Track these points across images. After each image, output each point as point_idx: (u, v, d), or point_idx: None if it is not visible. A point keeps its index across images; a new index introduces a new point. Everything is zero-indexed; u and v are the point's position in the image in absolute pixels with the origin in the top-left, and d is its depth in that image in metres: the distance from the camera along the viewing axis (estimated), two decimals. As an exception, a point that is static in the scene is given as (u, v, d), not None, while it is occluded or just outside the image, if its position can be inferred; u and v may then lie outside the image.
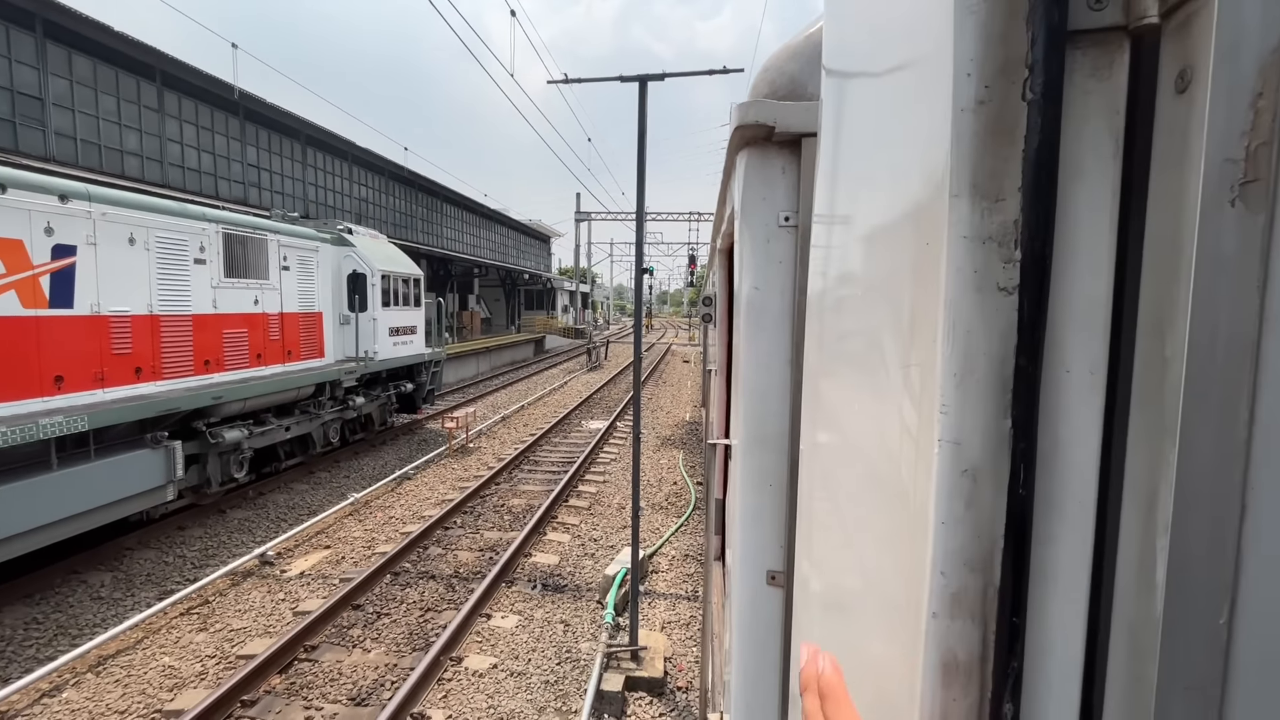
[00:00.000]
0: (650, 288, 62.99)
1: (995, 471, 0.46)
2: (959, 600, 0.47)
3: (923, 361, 0.51)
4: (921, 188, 0.53)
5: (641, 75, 4.81)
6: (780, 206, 1.63)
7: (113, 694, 4.60)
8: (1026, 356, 0.45)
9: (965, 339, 0.47)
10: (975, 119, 0.45)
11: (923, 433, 0.51)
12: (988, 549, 0.47)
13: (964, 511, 0.47)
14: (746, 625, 1.70)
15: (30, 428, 5.49)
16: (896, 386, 0.59)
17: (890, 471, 0.59)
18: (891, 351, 0.61)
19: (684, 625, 5.76)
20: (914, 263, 0.54)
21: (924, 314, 0.52)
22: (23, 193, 5.76)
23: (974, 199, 0.46)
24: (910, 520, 0.52)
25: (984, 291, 0.46)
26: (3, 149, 11.34)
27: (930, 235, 0.50)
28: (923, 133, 0.52)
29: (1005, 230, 0.46)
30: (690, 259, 34.89)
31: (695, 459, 11.72)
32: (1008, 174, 0.45)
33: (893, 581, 0.57)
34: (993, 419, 0.46)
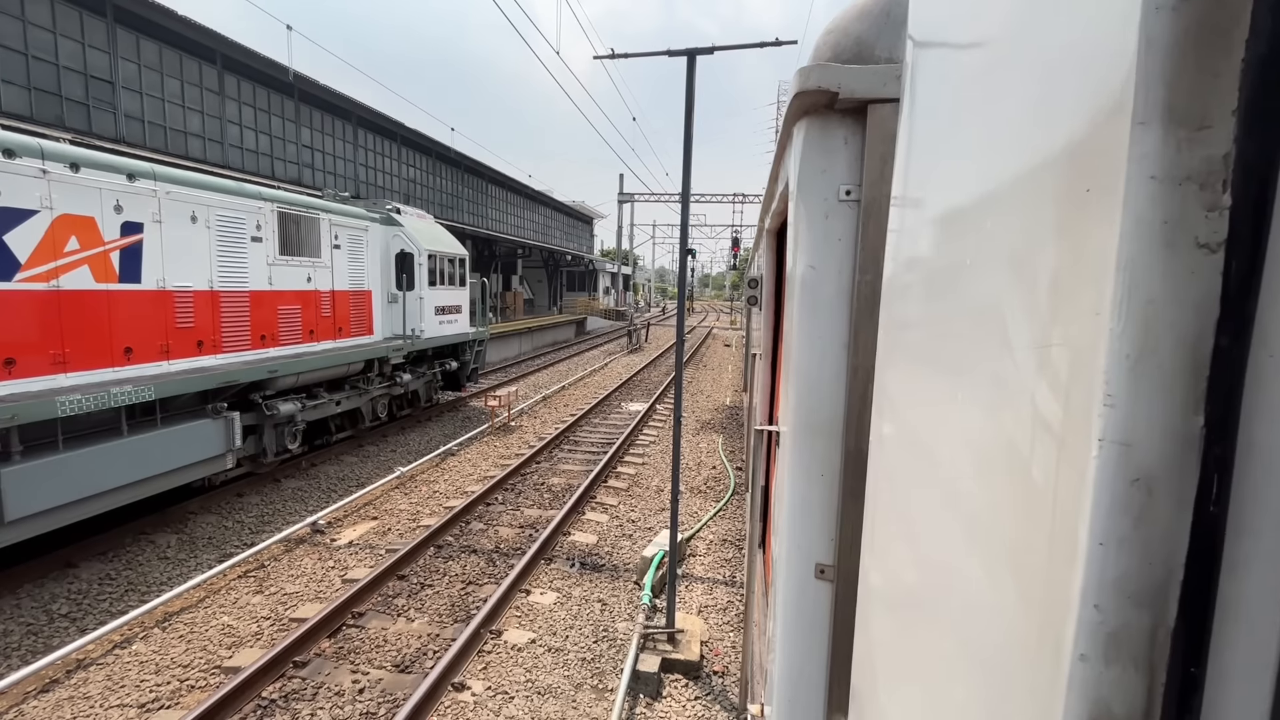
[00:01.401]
0: (692, 270, 62.40)
1: (1178, 482, 0.37)
2: (1118, 642, 0.38)
3: (1073, 339, 0.41)
4: (1081, 118, 0.42)
5: (690, 49, 4.67)
6: (841, 180, 1.52)
7: (177, 649, 4.87)
8: (1231, 335, 0.36)
9: (1144, 310, 0.37)
10: (1176, 19, 0.35)
11: (1072, 430, 0.41)
12: (1161, 579, 0.37)
13: (1131, 531, 0.37)
14: (792, 618, 1.64)
15: (103, 396, 5.80)
16: (1026, 371, 0.49)
17: (1015, 475, 0.49)
18: (1019, 329, 0.51)
19: (721, 610, 5.74)
20: (1062, 216, 0.44)
21: (1076, 280, 0.42)
22: (94, 172, 6.03)
23: (1168, 127, 0.36)
24: (1048, 537, 0.43)
25: (1176, 248, 0.36)
26: (78, 130, 11.93)
27: (1094, 178, 0.40)
28: (1087, 45, 0.42)
29: (1211, 168, 0.35)
30: (733, 241, 34.36)
31: (735, 444, 11.61)
32: (1218, 93, 0.35)
33: (1016, 608, 0.48)
34: (1179, 415, 0.37)
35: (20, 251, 5.41)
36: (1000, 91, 0.59)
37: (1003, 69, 0.58)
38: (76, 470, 5.66)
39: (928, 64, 0.90)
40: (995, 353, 0.55)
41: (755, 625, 2.94)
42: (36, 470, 5.34)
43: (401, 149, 23.94)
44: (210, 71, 15.50)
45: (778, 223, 3.37)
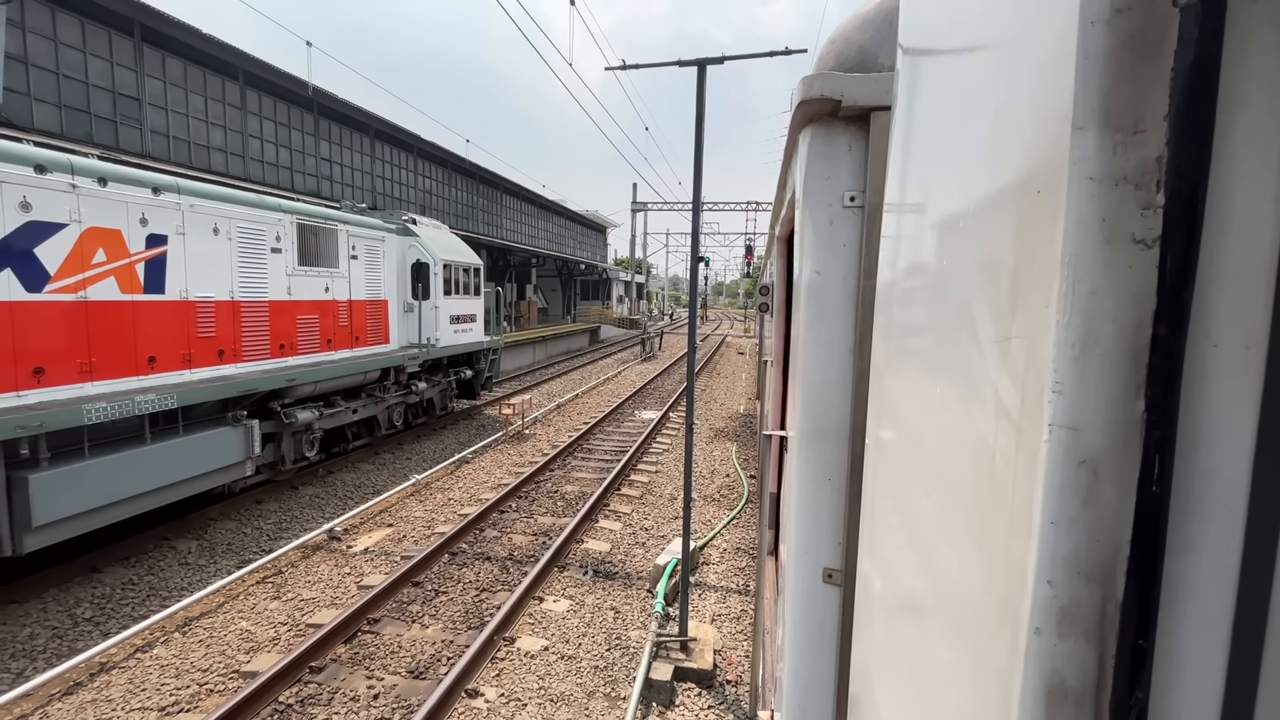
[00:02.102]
0: (705, 279, 62.53)
1: (1122, 464, 0.39)
2: (1070, 615, 0.40)
3: (1028, 332, 0.44)
4: (1032, 124, 0.45)
5: (701, 59, 4.71)
6: (845, 186, 1.54)
7: (196, 653, 4.94)
8: (1168, 325, 0.38)
9: (1088, 302, 0.39)
10: (1109, 32, 0.37)
11: (1027, 416, 0.43)
12: (1109, 556, 0.39)
13: (1080, 510, 0.39)
14: (800, 623, 1.64)
15: (128, 404, 5.94)
16: (992, 364, 0.51)
17: (981, 463, 0.52)
18: (986, 324, 0.53)
19: (734, 619, 5.70)
20: (1019, 217, 0.46)
21: (1031, 276, 0.44)
22: (121, 186, 6.21)
23: (1104, 131, 0.38)
24: (1008, 519, 0.45)
25: (1114, 244, 0.38)
26: (106, 146, 12.26)
27: (1043, 180, 0.42)
28: (1036, 56, 0.44)
29: (1145, 169, 0.38)
30: (747, 249, 34.37)
31: (749, 451, 11.56)
32: (1150, 100, 0.37)
33: (982, 588, 0.50)
34: (1121, 400, 0.39)
35: (50, 264, 5.57)
36: (969, 100, 0.61)
37: (971, 79, 0.61)
38: (101, 477, 5.79)
39: (912, 73, 0.92)
40: (969, 350, 0.57)
41: (766, 632, 2.93)
42: (63, 476, 5.46)
43: (418, 160, 24.29)
44: (233, 87, 15.87)
45: (787, 230, 3.38)
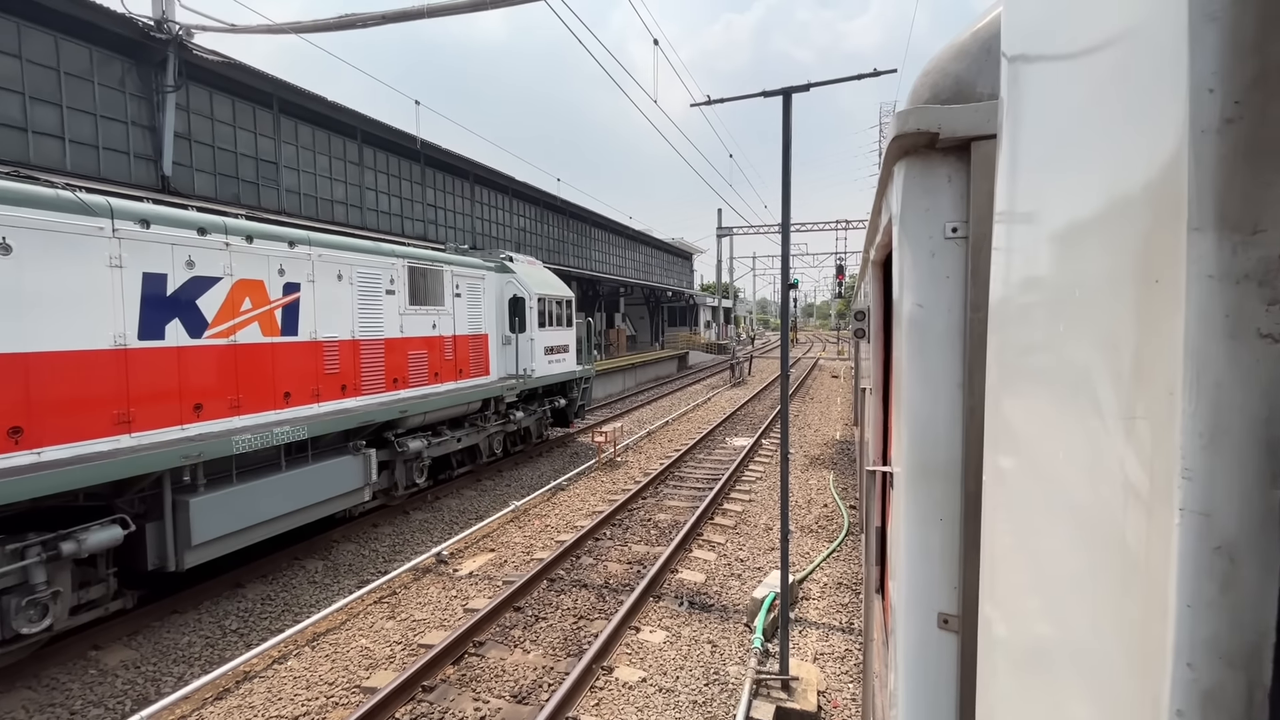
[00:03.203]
0: (795, 300, 61.21)
1: (1262, 550, 0.38)
2: (1214, 700, 0.38)
3: (1154, 415, 0.43)
4: (1144, 215, 0.45)
5: (786, 88, 4.72)
6: (946, 217, 1.50)
7: (324, 667, 5.35)
8: None
9: (1214, 393, 0.39)
10: (1221, 141, 0.38)
11: (1158, 498, 0.42)
12: (1253, 642, 0.38)
13: (1218, 595, 0.38)
14: (915, 671, 1.56)
15: (268, 435, 6.62)
16: (1116, 439, 0.50)
17: (1110, 531, 0.51)
18: (1108, 398, 0.52)
19: (838, 659, 5.44)
20: (1138, 301, 0.46)
21: (1153, 359, 0.43)
22: (264, 242, 7.03)
23: (1221, 232, 0.38)
24: (1143, 594, 0.44)
25: (1239, 339, 0.38)
26: (250, 206, 13.93)
27: (1160, 271, 0.42)
28: (1145, 150, 0.45)
29: (1268, 267, 0.37)
30: (838, 269, 33.39)
31: (847, 480, 11.09)
32: (1268, 201, 0.37)
33: (1119, 658, 0.49)
34: (1255, 488, 0.38)
35: (208, 312, 6.37)
36: (1069, 161, 0.60)
37: (1073, 140, 0.60)
38: (246, 501, 6.46)
39: (1020, 106, 0.91)
40: (1091, 421, 0.56)
41: (875, 676, 2.78)
42: (216, 501, 6.16)
43: (512, 200, 25.69)
44: (352, 146, 17.60)
45: (883, 254, 3.29)
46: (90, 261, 5.38)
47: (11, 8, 10.31)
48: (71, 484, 4.98)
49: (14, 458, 4.82)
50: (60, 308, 5.14)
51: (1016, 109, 0.90)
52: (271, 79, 14.59)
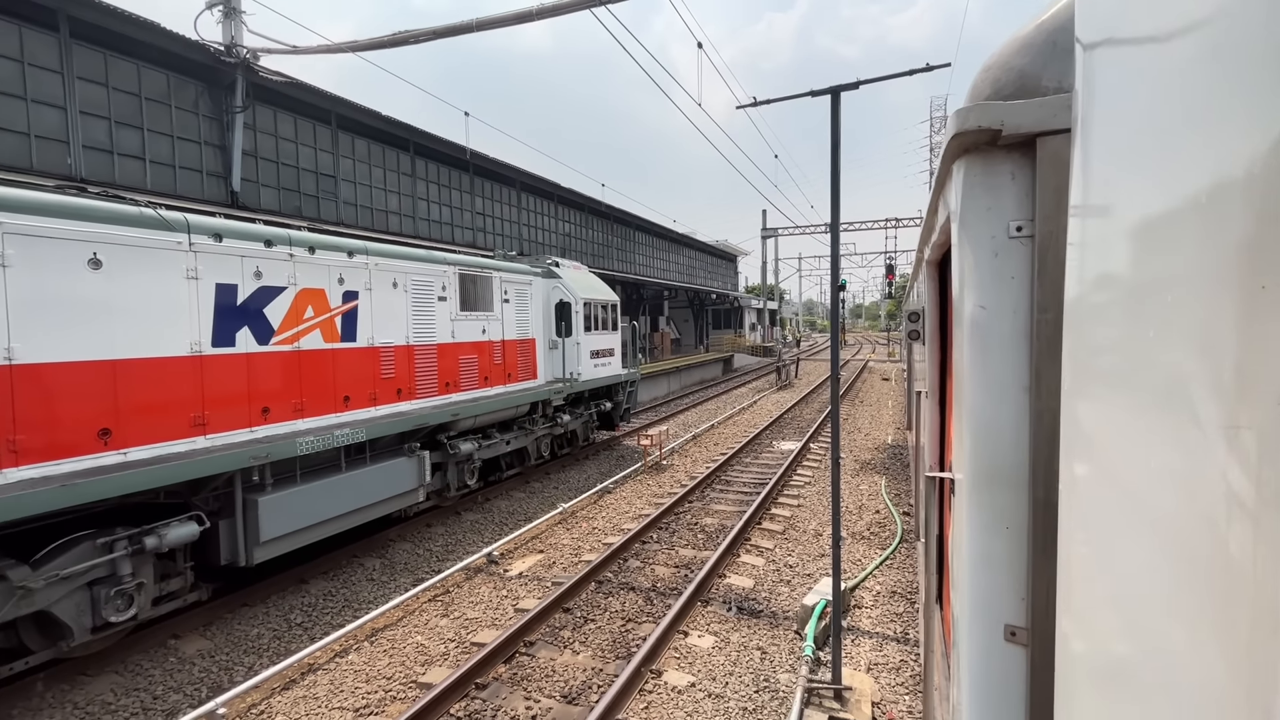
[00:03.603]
0: (843, 301, 59.86)
1: None
2: None
3: (1261, 426, 0.41)
4: (1246, 213, 0.42)
5: (834, 87, 4.65)
6: (1010, 216, 1.46)
7: (382, 662, 5.53)
8: None
9: None
10: None
11: (1267, 515, 0.40)
12: None
13: None
14: (980, 686, 1.51)
15: (329, 437, 6.91)
16: (1216, 448, 0.47)
17: (1209, 544, 0.48)
18: (1205, 406, 0.49)
19: (893, 669, 5.29)
20: (1240, 305, 0.44)
21: (1259, 370, 0.41)
22: (325, 252, 7.34)
23: None
24: (1249, 610, 0.42)
25: None
26: (310, 218, 14.58)
27: (1269, 276, 0.40)
28: (1245, 142, 0.42)
29: None
30: (887, 269, 32.54)
31: (900, 485, 10.77)
32: None
33: (1219, 677, 0.46)
34: None
35: (274, 320, 6.70)
36: (1172, 146, 0.57)
37: (1170, 129, 0.57)
38: (309, 500, 6.75)
39: (1098, 97, 0.87)
40: (1187, 428, 0.53)
41: (936, 689, 2.69)
42: (283, 500, 6.46)
43: (558, 207, 26.06)
44: (405, 158, 18.21)
45: (939, 254, 3.20)
46: (169, 274, 5.74)
47: (99, 39, 11.12)
48: (155, 482, 5.31)
49: (104, 457, 5.18)
50: (143, 317, 5.50)
51: (1094, 100, 0.87)
52: (330, 96, 15.25)
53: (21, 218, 4.77)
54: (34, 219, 4.84)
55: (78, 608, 5.05)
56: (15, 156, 10.14)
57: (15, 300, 4.69)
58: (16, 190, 4.94)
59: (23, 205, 4.82)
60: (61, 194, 5.28)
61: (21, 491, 4.54)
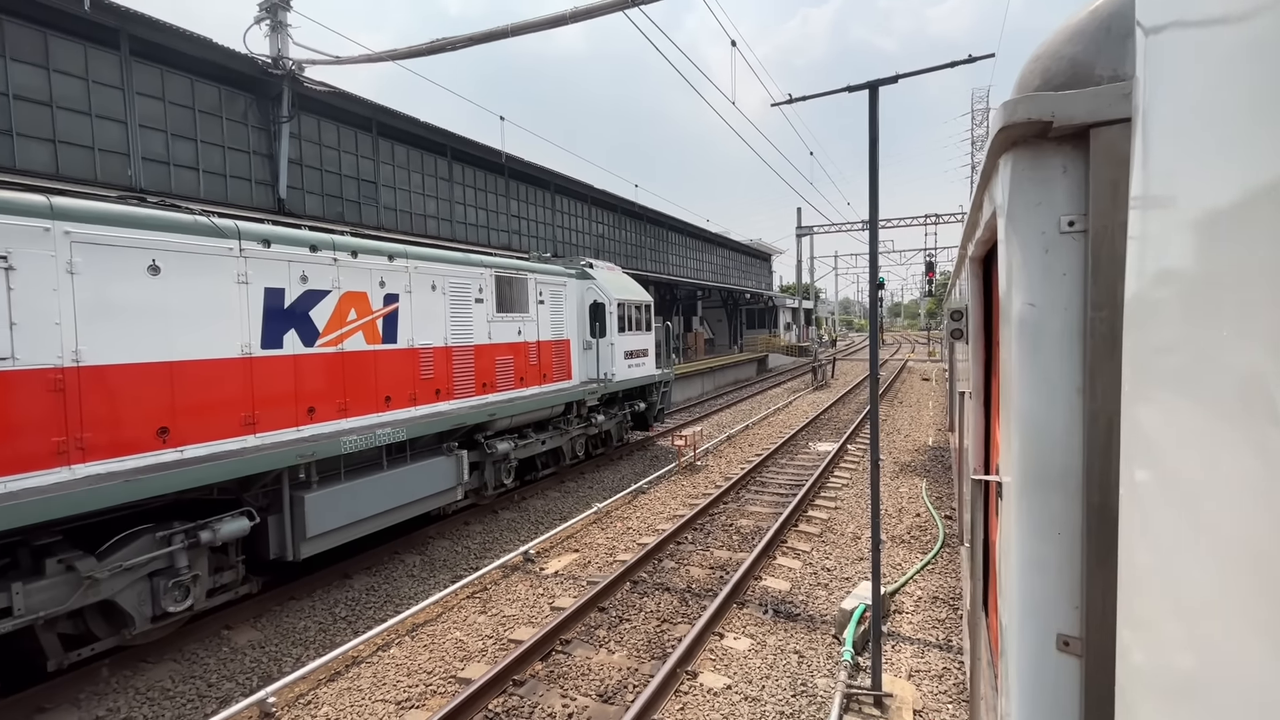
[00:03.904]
0: (881, 300, 58.70)
1: None
2: None
3: None
4: None
5: (872, 82, 4.56)
6: (1061, 210, 1.41)
7: (422, 656, 5.65)
8: None
9: None
10: None
11: None
12: None
13: None
14: (1030, 696, 1.46)
15: (371, 437, 7.10)
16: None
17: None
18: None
19: (935, 677, 5.16)
20: None
21: None
22: (367, 256, 7.55)
23: None
24: None
25: None
26: (353, 224, 15.01)
27: None
28: None
29: None
30: (927, 266, 31.73)
31: (941, 489, 10.50)
32: None
33: None
34: None
35: (319, 323, 6.92)
36: (1246, 133, 0.54)
37: (1245, 115, 0.54)
38: (353, 497, 6.95)
39: (1162, 83, 0.83)
40: (1262, 422, 0.50)
41: (982, 699, 2.62)
42: (328, 497, 6.66)
43: (591, 208, 26.23)
44: (443, 163, 18.58)
45: (983, 250, 3.11)
46: (222, 279, 5.98)
47: (157, 56, 11.66)
48: (210, 479, 5.54)
49: (163, 454, 5.42)
50: (198, 321, 5.75)
51: (1157, 87, 0.83)
52: (371, 104, 15.67)
53: (89, 227, 5.04)
54: (99, 228, 5.11)
55: (139, 597, 5.30)
56: (81, 169, 10.71)
57: (83, 305, 4.96)
58: (84, 201, 5.21)
59: (89, 216, 5.08)
60: (124, 204, 5.55)
61: (90, 486, 4.80)
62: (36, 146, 10.27)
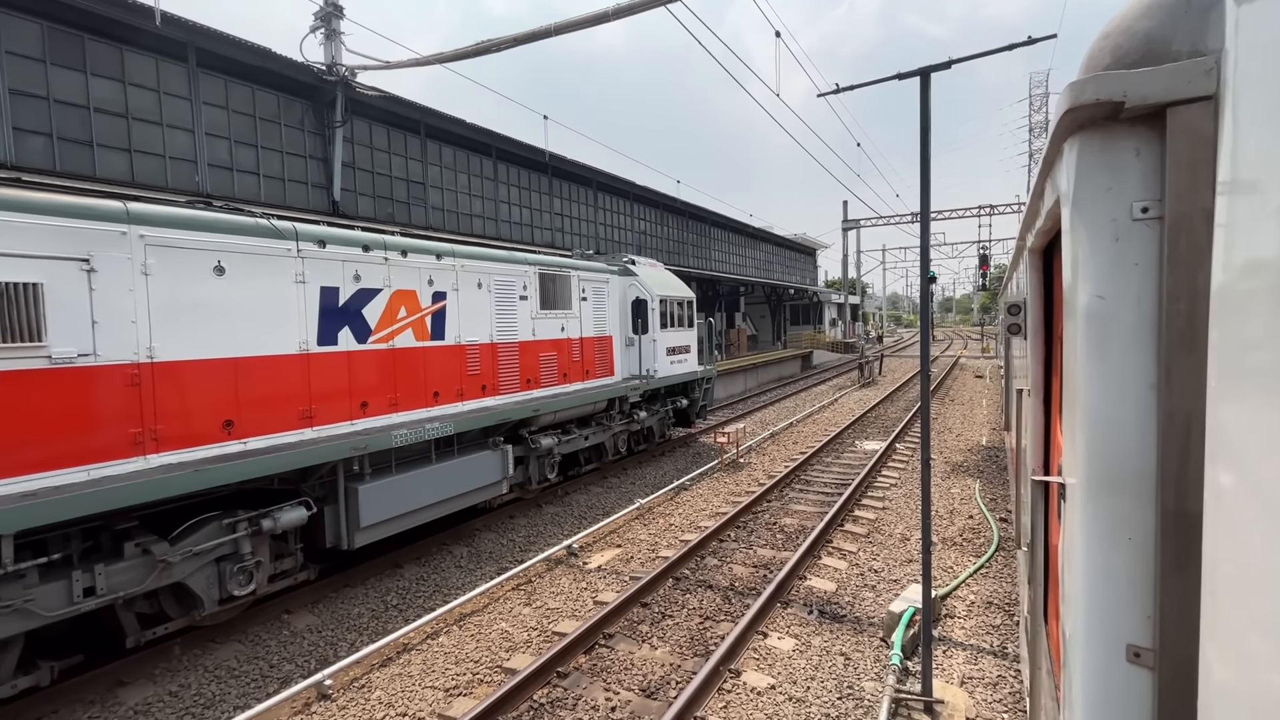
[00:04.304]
0: (931, 294, 56.87)
1: None
2: None
3: None
4: None
5: (924, 68, 4.40)
6: (1134, 196, 1.33)
7: (469, 645, 5.79)
8: None
9: None
10: None
11: None
12: None
13: None
14: (1097, 709, 1.39)
15: (421, 430, 7.30)
16: None
17: None
18: None
19: (990, 685, 4.98)
20: None
21: None
22: (416, 255, 7.75)
23: None
24: None
25: None
26: (402, 224, 15.45)
27: None
28: None
29: None
30: (981, 259, 30.58)
31: (996, 490, 10.12)
32: None
33: None
34: None
35: (371, 320, 7.14)
36: None
37: None
38: (404, 489, 7.16)
39: (1257, 56, 0.77)
40: None
41: (1042, 710, 2.51)
42: (379, 489, 6.88)
43: (633, 205, 26.27)
44: (488, 163, 18.92)
45: (1044, 241, 2.97)
46: (281, 278, 6.24)
47: (221, 67, 12.24)
48: (272, 469, 5.81)
49: (228, 446, 5.71)
50: (259, 319, 6.02)
51: (1251, 62, 0.77)
52: (419, 107, 16.07)
53: (161, 231, 5.33)
54: (171, 232, 5.40)
55: (207, 581, 5.60)
56: (154, 176, 11.35)
57: (155, 305, 5.25)
58: (156, 206, 5.52)
59: (162, 220, 5.38)
60: (192, 209, 5.86)
61: (163, 475, 5.09)
62: (114, 156, 10.94)
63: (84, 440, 4.81)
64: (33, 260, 4.59)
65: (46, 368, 4.63)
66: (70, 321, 4.76)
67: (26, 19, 9.87)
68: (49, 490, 4.54)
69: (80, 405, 4.80)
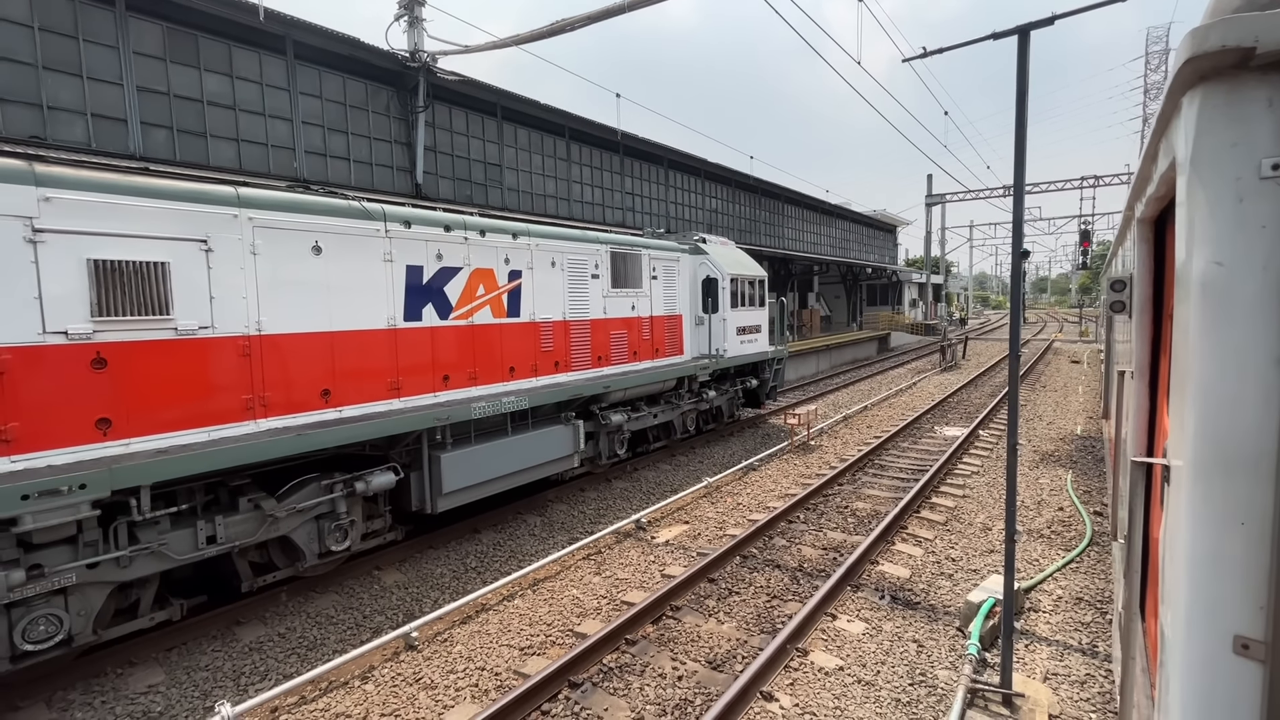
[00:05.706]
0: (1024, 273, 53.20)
1: None
2: None
3: None
4: None
5: (1022, 25, 4.09)
6: (1264, 152, 1.21)
7: (542, 609, 6.05)
8: None
9: None
10: None
11: None
12: None
13: None
14: (1199, 703, 1.32)
15: (498, 404, 7.61)
16: None
17: None
18: None
19: (1077, 683, 4.73)
20: None
21: None
22: (494, 235, 8.01)
23: None
24: None
25: None
26: (480, 205, 15.95)
27: None
28: None
29: None
30: (1082, 234, 28.27)
31: (1090, 483, 9.47)
32: None
33: None
34: None
35: (452, 297, 7.47)
36: None
37: None
38: (482, 459, 7.51)
39: None
40: None
41: (1135, 708, 2.38)
42: (461, 457, 7.25)
43: (704, 183, 25.92)
44: (560, 143, 19.16)
45: (1155, 209, 2.75)
46: (371, 258, 6.62)
47: (315, 58, 12.96)
48: (365, 435, 6.24)
49: (325, 414, 6.17)
50: (352, 295, 6.42)
51: None
52: (496, 90, 16.44)
53: (267, 213, 5.77)
54: (275, 214, 5.83)
55: (309, 536, 6.12)
56: (258, 164, 12.23)
57: (263, 282, 5.71)
58: (263, 191, 5.97)
59: (268, 203, 5.82)
60: (293, 192, 6.29)
61: (271, 438, 5.57)
62: (224, 145, 11.85)
63: (205, 404, 5.34)
64: (162, 241, 5.09)
65: (174, 339, 5.15)
66: (192, 297, 5.26)
67: (150, 20, 10.79)
68: (178, 448, 5.08)
69: (201, 373, 5.32)
